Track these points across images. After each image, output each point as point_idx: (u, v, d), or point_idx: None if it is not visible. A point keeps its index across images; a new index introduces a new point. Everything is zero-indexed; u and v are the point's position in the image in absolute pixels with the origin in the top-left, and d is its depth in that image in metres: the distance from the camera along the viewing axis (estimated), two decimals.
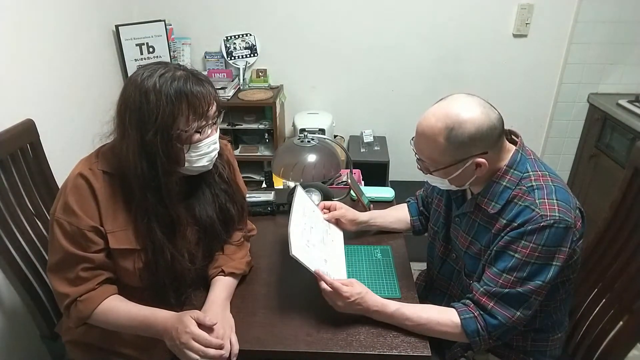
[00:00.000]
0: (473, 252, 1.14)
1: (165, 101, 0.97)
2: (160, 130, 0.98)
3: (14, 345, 1.51)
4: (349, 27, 2.62)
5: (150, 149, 0.99)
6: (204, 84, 1.02)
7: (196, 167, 1.09)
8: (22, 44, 1.65)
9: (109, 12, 2.30)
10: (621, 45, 2.52)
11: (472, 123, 0.99)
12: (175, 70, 1.01)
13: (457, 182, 1.09)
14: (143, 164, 1.00)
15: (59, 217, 1.03)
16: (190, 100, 0.99)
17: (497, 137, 1.02)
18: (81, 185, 1.03)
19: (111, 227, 1.05)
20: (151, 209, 1.05)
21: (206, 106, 1.02)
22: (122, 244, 1.06)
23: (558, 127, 2.78)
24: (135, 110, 0.98)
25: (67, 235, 1.02)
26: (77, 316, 1.05)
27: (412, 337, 1.07)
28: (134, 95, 0.98)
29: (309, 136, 1.43)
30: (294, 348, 1.04)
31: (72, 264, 1.03)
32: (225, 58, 2.71)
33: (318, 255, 1.15)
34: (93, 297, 1.05)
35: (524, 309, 1.03)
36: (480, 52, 2.63)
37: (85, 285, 1.04)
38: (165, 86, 0.98)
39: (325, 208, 1.38)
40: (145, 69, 1.01)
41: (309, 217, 1.27)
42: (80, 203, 1.02)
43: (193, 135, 1.03)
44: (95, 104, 2.11)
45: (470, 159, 1.02)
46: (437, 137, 1.01)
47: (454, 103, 1.03)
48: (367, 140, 2.73)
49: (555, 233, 0.98)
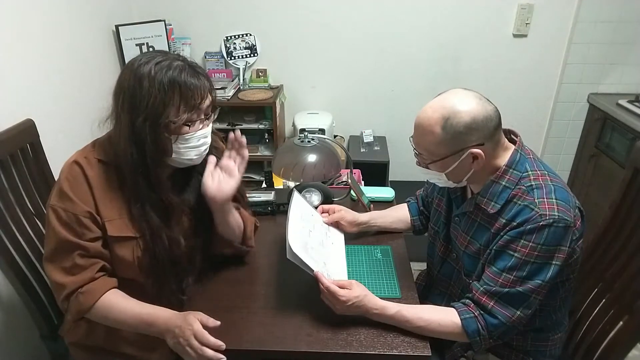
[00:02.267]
0: (471, 252, 1.14)
1: (158, 88, 0.97)
2: (149, 117, 0.98)
3: (14, 345, 1.50)
4: (349, 27, 2.62)
5: (139, 135, 0.99)
6: (199, 77, 1.02)
7: (184, 160, 1.08)
8: (22, 44, 1.65)
9: (109, 12, 2.30)
10: (621, 45, 2.53)
11: (468, 113, 1.00)
12: (173, 60, 1.01)
13: (454, 177, 1.09)
14: (133, 149, 1.01)
15: (54, 204, 1.02)
16: (183, 90, 0.99)
17: (493, 129, 1.03)
18: (75, 171, 1.04)
19: (108, 215, 1.05)
20: (143, 194, 1.05)
21: (199, 99, 1.02)
22: (121, 231, 1.06)
23: (558, 127, 2.78)
24: (128, 94, 0.99)
25: (62, 222, 1.02)
26: (76, 309, 1.03)
27: (412, 337, 1.07)
28: (129, 79, 0.99)
29: (309, 136, 1.43)
30: (294, 348, 1.04)
31: (68, 252, 1.02)
32: (225, 58, 2.71)
33: (317, 258, 1.15)
34: (94, 289, 1.03)
35: (524, 308, 1.03)
36: (480, 52, 2.64)
37: (82, 275, 1.03)
38: (159, 74, 0.98)
39: (324, 212, 1.38)
40: (144, 55, 1.02)
41: (307, 221, 1.27)
42: (75, 189, 1.03)
43: (182, 127, 1.03)
44: (95, 104, 2.10)
45: (467, 150, 1.02)
46: (433, 128, 1.02)
47: (450, 96, 1.04)
48: (367, 140, 2.73)
49: (554, 232, 0.98)
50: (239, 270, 1.28)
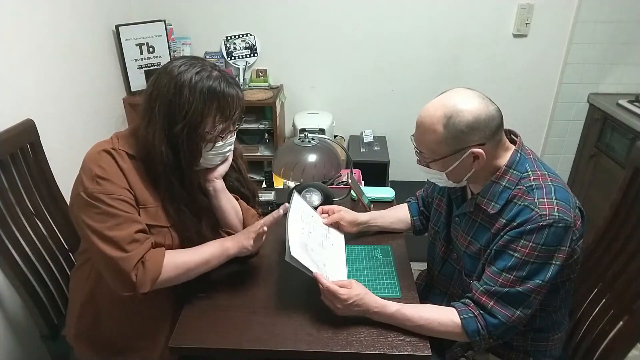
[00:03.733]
0: (472, 252, 1.14)
1: (198, 98, 1.00)
2: (187, 125, 1.02)
3: (14, 345, 1.51)
4: (349, 27, 2.62)
5: (175, 140, 1.03)
6: (234, 87, 1.06)
7: (208, 164, 1.13)
8: (22, 44, 1.65)
9: (109, 12, 2.30)
10: (621, 45, 2.52)
11: (470, 112, 1.00)
12: (212, 71, 1.04)
13: (455, 177, 1.09)
14: (169, 152, 1.04)
15: (92, 191, 1.00)
16: (222, 101, 1.03)
17: (495, 129, 1.03)
18: (107, 158, 1.04)
19: (142, 202, 1.07)
20: (177, 193, 1.08)
21: (234, 110, 1.06)
22: (154, 220, 1.08)
23: (558, 127, 2.78)
24: (167, 100, 1.01)
25: (105, 203, 1.00)
26: (148, 278, 1.02)
27: (412, 336, 1.06)
28: (168, 85, 1.01)
29: (309, 136, 1.43)
30: (294, 348, 1.04)
31: (123, 227, 1.01)
32: (225, 58, 2.71)
33: (316, 259, 1.15)
34: (155, 254, 1.04)
35: (523, 308, 1.03)
36: (480, 52, 2.64)
37: (140, 248, 1.02)
38: (200, 83, 1.01)
39: (324, 212, 1.38)
40: (182, 63, 1.04)
41: (306, 222, 1.27)
42: (110, 174, 1.03)
43: (216, 138, 1.07)
44: (95, 104, 2.11)
45: (468, 149, 1.02)
46: (435, 126, 1.02)
47: (452, 95, 1.04)
48: (367, 140, 2.73)
49: (554, 232, 0.98)
50: (239, 270, 1.28)
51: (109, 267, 1.02)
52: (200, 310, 1.13)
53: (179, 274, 1.08)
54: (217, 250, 1.13)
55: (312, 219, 1.32)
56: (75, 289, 1.21)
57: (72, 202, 1.06)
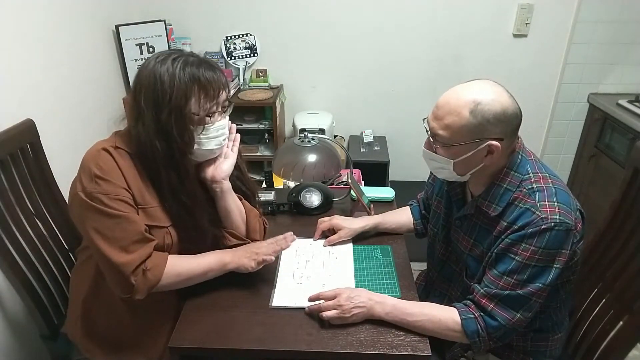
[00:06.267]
0: (476, 255, 1.14)
1: (178, 82, 1.02)
2: (173, 109, 1.02)
3: (14, 345, 1.50)
4: (349, 27, 2.62)
5: (165, 128, 1.03)
6: (215, 70, 1.07)
7: (205, 151, 1.12)
8: (22, 44, 1.65)
9: (109, 12, 2.30)
10: (621, 45, 2.53)
11: (500, 103, 0.99)
12: (188, 56, 1.06)
13: (461, 169, 1.07)
14: (161, 144, 1.04)
15: (91, 191, 1.00)
16: (202, 82, 1.04)
17: (515, 127, 1.02)
18: (106, 157, 1.04)
19: (141, 202, 1.07)
20: (175, 187, 1.08)
21: (217, 90, 1.07)
22: (152, 220, 1.08)
23: (558, 127, 2.78)
24: (150, 91, 1.02)
25: (103, 204, 1.01)
26: (146, 285, 1.04)
27: (412, 336, 1.06)
28: (148, 77, 1.03)
29: (309, 136, 1.43)
30: (295, 347, 1.04)
31: (123, 227, 1.02)
32: (225, 58, 2.71)
33: (313, 284, 1.20)
34: (157, 263, 1.05)
35: (524, 310, 1.03)
36: (480, 52, 2.63)
37: (141, 251, 1.03)
38: (178, 69, 1.02)
39: (323, 231, 1.39)
40: (158, 55, 1.06)
41: (303, 254, 1.32)
42: (109, 173, 1.03)
43: (204, 118, 1.07)
44: (96, 104, 2.10)
45: (486, 141, 1.00)
46: (461, 109, 0.99)
47: (483, 83, 1.03)
48: (367, 140, 2.73)
49: (556, 236, 0.98)
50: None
51: (109, 268, 1.03)
52: (200, 310, 1.13)
53: (177, 281, 1.10)
54: (216, 264, 1.14)
55: (311, 247, 1.36)
56: (76, 285, 1.22)
57: (71, 201, 1.07)
